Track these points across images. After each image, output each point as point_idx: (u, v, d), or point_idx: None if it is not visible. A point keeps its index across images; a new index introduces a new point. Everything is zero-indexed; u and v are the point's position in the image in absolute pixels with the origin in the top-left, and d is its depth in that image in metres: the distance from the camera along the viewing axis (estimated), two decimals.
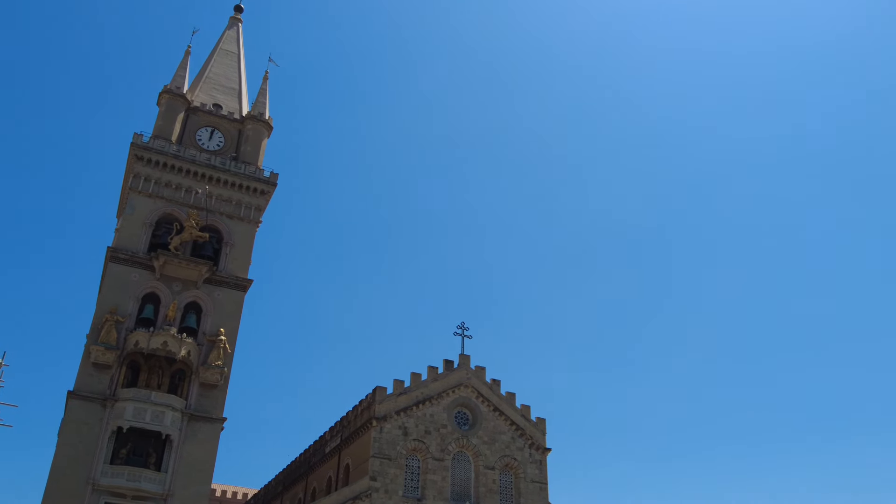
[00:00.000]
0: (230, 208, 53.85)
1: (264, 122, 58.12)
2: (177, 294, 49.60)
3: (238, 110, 59.35)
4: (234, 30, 65.72)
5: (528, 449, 53.74)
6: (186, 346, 47.10)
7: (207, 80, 60.14)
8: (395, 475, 48.36)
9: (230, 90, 60.62)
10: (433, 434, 50.89)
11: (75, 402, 44.49)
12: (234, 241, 53.06)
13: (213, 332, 49.29)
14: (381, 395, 50.38)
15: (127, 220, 50.99)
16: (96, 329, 46.48)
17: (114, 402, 44.92)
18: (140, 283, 49.12)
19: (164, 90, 55.70)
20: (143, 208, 51.38)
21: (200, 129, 56.33)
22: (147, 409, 44.98)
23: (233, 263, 52.39)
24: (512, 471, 52.66)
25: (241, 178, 54.47)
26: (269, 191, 55.44)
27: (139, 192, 51.62)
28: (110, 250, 49.47)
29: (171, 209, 52.13)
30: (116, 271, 48.83)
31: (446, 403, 52.32)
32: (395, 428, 49.79)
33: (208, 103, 57.92)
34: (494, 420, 53.50)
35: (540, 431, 54.89)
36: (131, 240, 50.22)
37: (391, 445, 49.10)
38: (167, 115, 54.91)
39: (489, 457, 51.97)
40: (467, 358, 54.53)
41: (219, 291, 50.94)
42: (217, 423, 47.31)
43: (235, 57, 63.43)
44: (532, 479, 52.71)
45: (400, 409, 50.40)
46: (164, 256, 49.12)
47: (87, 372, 45.50)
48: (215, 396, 48.01)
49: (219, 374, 47.80)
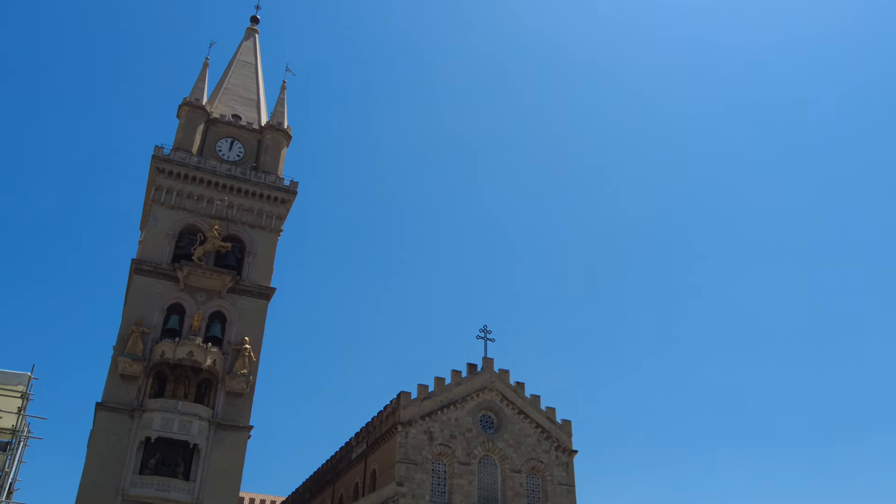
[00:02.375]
0: (251, 218, 54.26)
1: (283, 132, 58.55)
2: (201, 304, 49.98)
3: (257, 120, 59.84)
4: (251, 41, 66.35)
5: (555, 451, 53.51)
6: (212, 356, 47.43)
7: (226, 91, 60.72)
8: (421, 480, 48.34)
9: (249, 101, 61.16)
10: (458, 438, 50.83)
11: (104, 413, 44.92)
12: (256, 250, 53.43)
13: (238, 340, 49.61)
14: (405, 400, 50.43)
15: (150, 232, 51.52)
16: (123, 341, 46.92)
17: (141, 412, 45.30)
18: (165, 294, 49.56)
19: (184, 102, 56.29)
20: (166, 220, 51.90)
21: (220, 140, 56.84)
22: (174, 419, 45.32)
23: (255, 272, 52.74)
24: (539, 474, 52.45)
25: (262, 188, 54.88)
26: (290, 199, 55.81)
27: (161, 203, 52.16)
28: (135, 262, 49.99)
29: (194, 220, 52.60)
30: (141, 283, 49.32)
31: (471, 407, 52.24)
32: (421, 433, 49.80)
33: (227, 114, 58.45)
34: (520, 423, 53.34)
35: (566, 433, 54.65)
36: (155, 251, 50.71)
37: (417, 450, 49.10)
38: (187, 126, 55.46)
39: (515, 460, 51.80)
40: (490, 361, 54.46)
41: (242, 300, 51.29)
42: (244, 431, 47.56)
43: (253, 67, 64.03)
44: (559, 482, 52.46)
45: (425, 413, 50.40)
46: (187, 267, 49.55)
47: (114, 383, 45.95)
48: (241, 405, 48.28)
49: (244, 383, 48.07)
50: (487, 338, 54.87)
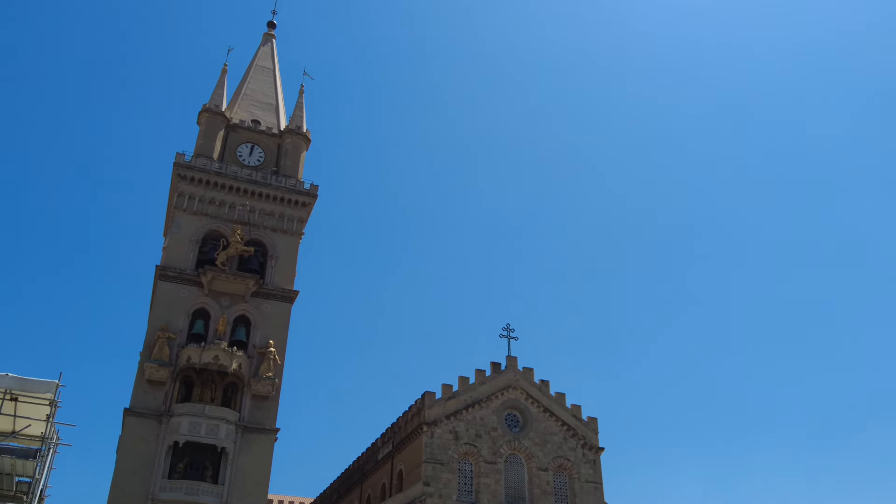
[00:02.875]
0: (273, 222, 54.59)
1: (302, 135, 58.82)
2: (226, 308, 50.38)
3: (276, 125, 60.16)
4: (269, 46, 66.72)
5: (581, 449, 53.19)
6: (237, 360, 47.78)
7: (245, 96, 61.13)
8: (448, 480, 48.29)
9: (267, 105, 61.51)
10: (484, 437, 50.72)
11: (132, 418, 45.45)
12: (279, 254, 53.74)
13: (263, 344, 49.93)
14: (430, 400, 50.42)
15: (174, 239, 52.01)
16: (149, 346, 47.43)
17: (169, 417, 45.75)
18: (189, 299, 50.03)
19: (204, 109, 56.74)
20: (189, 226, 52.37)
21: (241, 146, 57.23)
22: (202, 423, 45.73)
23: (278, 276, 53.05)
24: (566, 472, 52.17)
25: (283, 192, 55.19)
26: (310, 202, 56.06)
27: (184, 210, 52.65)
28: (159, 269, 50.51)
29: (217, 225, 53.03)
30: (166, 289, 49.81)
31: (495, 406, 52.11)
32: (446, 432, 49.76)
33: (247, 119, 58.83)
34: (545, 421, 53.10)
35: (592, 431, 54.29)
36: (179, 257, 51.19)
37: (443, 450, 49.06)
38: (208, 133, 55.90)
39: (542, 458, 51.58)
40: (514, 359, 54.26)
41: (266, 304, 51.62)
42: (270, 433, 47.86)
43: (271, 72, 64.38)
44: (587, 480, 52.14)
45: (449, 413, 50.36)
46: (211, 272, 49.97)
47: (142, 389, 46.47)
48: (267, 407, 48.60)
49: (270, 386, 48.37)
50: (510, 336, 54.70)
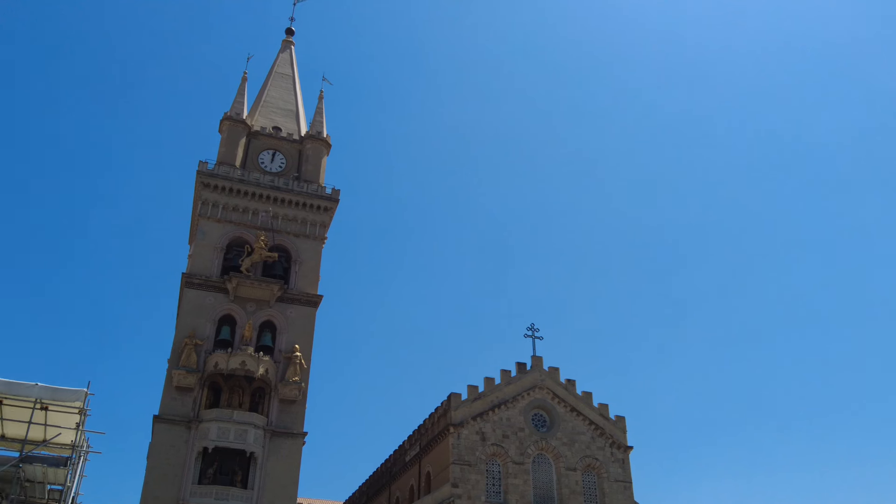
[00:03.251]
0: (296, 227, 54.93)
1: (323, 141, 59.12)
2: (251, 314, 50.77)
3: (297, 131, 60.55)
4: (287, 53, 67.17)
5: (610, 448, 52.86)
6: (264, 365, 48.11)
7: (265, 104, 61.58)
8: (476, 481, 48.24)
9: (288, 112, 61.92)
10: (511, 438, 50.60)
11: (161, 425, 45.93)
12: (302, 259, 54.06)
13: (289, 348, 50.23)
14: (455, 401, 50.41)
15: (199, 246, 52.53)
16: (177, 353, 47.93)
17: (198, 423, 46.19)
18: (215, 305, 50.49)
19: (225, 117, 57.25)
20: (214, 233, 52.87)
21: (262, 153, 57.67)
22: (230, 429, 46.08)
23: (302, 280, 53.35)
24: (594, 471, 51.89)
25: (305, 197, 55.51)
26: (332, 207, 56.32)
27: (208, 217, 53.16)
28: (185, 276, 51.05)
29: (240, 232, 53.48)
30: (192, 296, 50.33)
31: (522, 406, 51.96)
32: (473, 433, 49.71)
33: (268, 126, 59.28)
34: (572, 420, 52.84)
35: (620, 430, 53.94)
36: (204, 265, 51.70)
37: (470, 451, 49.02)
38: (229, 140, 56.40)
39: (570, 458, 51.33)
40: (539, 359, 54.08)
41: (291, 309, 51.93)
42: (298, 437, 48.12)
43: (290, 79, 64.80)
44: (616, 479, 51.81)
45: (476, 414, 50.31)
46: (236, 279, 50.40)
47: (170, 395, 46.96)
48: (295, 412, 48.88)
49: (297, 390, 48.65)
50: (535, 336, 54.55)
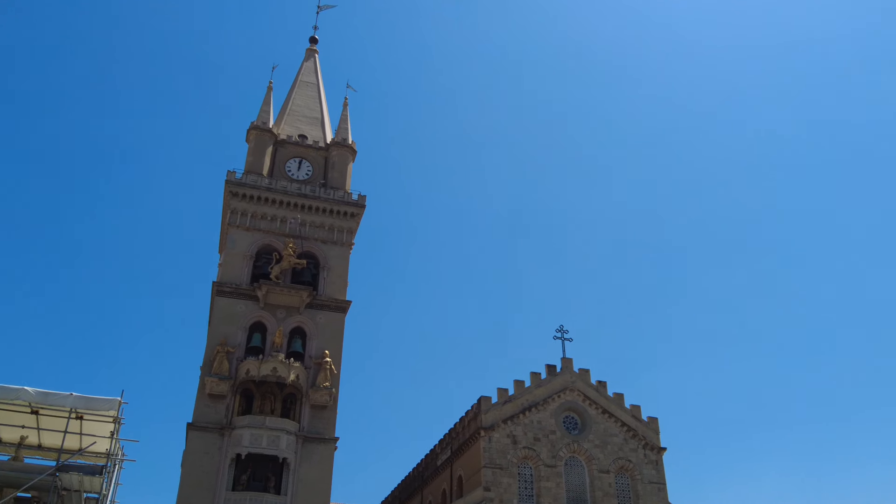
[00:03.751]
0: (323, 233, 55.34)
1: (348, 147, 59.52)
2: (281, 321, 51.20)
3: (322, 138, 61.02)
4: (312, 61, 67.78)
5: (643, 450, 52.36)
6: (295, 371, 48.47)
7: (291, 112, 62.18)
8: (508, 484, 48.08)
9: (313, 120, 62.46)
10: (543, 441, 50.36)
11: (195, 433, 46.45)
12: (331, 265, 54.42)
13: (319, 354, 50.55)
14: (486, 404, 50.32)
15: (229, 255, 53.15)
16: (209, 361, 48.48)
17: (231, 430, 46.63)
18: (246, 313, 51.01)
19: (252, 126, 57.90)
20: (243, 242, 53.46)
21: (289, 161, 58.20)
22: (263, 435, 46.45)
23: (331, 286, 53.69)
24: (627, 473, 51.43)
25: (332, 204, 55.91)
26: (359, 213, 56.64)
27: (237, 226, 53.77)
28: (216, 285, 51.66)
29: (269, 240, 54.02)
30: (223, 304, 50.90)
31: (553, 409, 51.69)
32: (504, 437, 49.58)
33: (294, 135, 59.83)
34: (604, 422, 52.44)
35: (653, 431, 53.41)
36: (234, 273, 52.27)
37: (502, 454, 48.89)
38: (257, 150, 57.02)
39: (602, 460, 50.95)
40: (570, 361, 53.76)
41: (320, 315, 52.28)
42: (330, 443, 48.38)
43: (315, 87, 65.37)
44: (649, 481, 51.29)
45: (506, 417, 50.17)
46: (266, 286, 50.88)
47: (203, 403, 47.49)
48: (326, 417, 49.16)
49: (328, 395, 48.94)
50: (564, 338, 54.26)
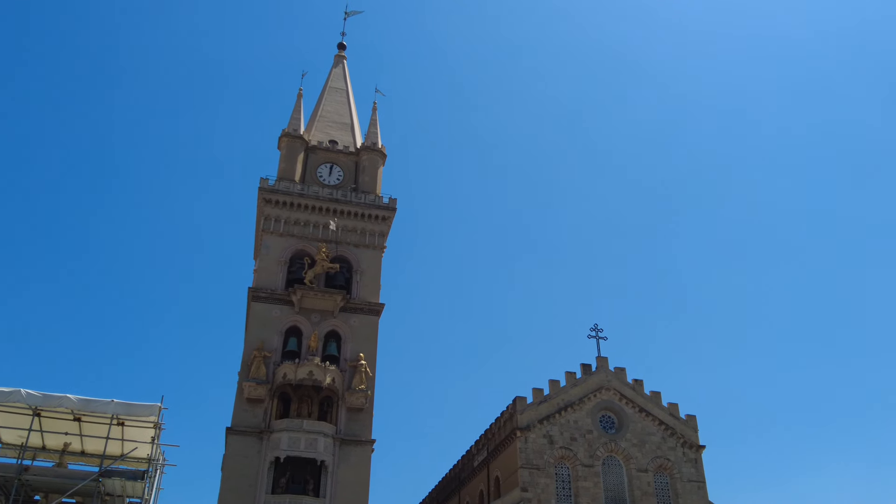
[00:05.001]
0: (356, 237, 55.81)
1: (378, 151, 59.95)
2: (316, 324, 51.73)
3: (352, 143, 61.54)
4: (340, 67, 68.44)
5: (681, 448, 51.79)
6: (330, 374, 48.92)
7: (321, 118, 62.82)
8: (545, 484, 47.90)
9: (343, 125, 63.03)
10: (579, 440, 50.08)
11: (234, 437, 47.11)
12: (363, 269, 54.86)
13: (354, 357, 50.98)
14: (521, 404, 50.21)
15: (264, 260, 53.88)
16: (247, 366, 49.15)
17: (269, 433, 47.21)
18: (282, 317, 51.64)
19: (283, 133, 58.65)
20: (277, 247, 54.16)
21: (320, 166, 58.83)
22: (301, 438, 46.96)
23: (364, 290, 54.12)
24: (666, 472, 50.90)
25: (363, 208, 56.36)
26: (390, 216, 57.01)
27: (271, 232, 54.51)
28: (251, 290, 52.39)
29: (303, 245, 54.67)
30: (259, 309, 51.60)
31: (589, 408, 51.38)
32: (540, 437, 49.43)
33: (325, 140, 60.43)
34: (641, 421, 51.98)
35: (691, 429, 52.79)
36: (269, 278, 52.97)
37: (538, 455, 48.75)
38: (288, 156, 57.73)
39: (640, 459, 50.50)
40: (605, 360, 53.39)
41: (354, 318, 52.72)
42: (367, 445, 48.73)
43: (344, 93, 66.00)
44: (689, 479, 50.71)
45: (542, 417, 50.01)
46: (301, 290, 51.46)
47: (242, 407, 48.16)
48: (362, 420, 49.54)
49: (363, 398, 49.31)
50: (599, 336, 53.91)
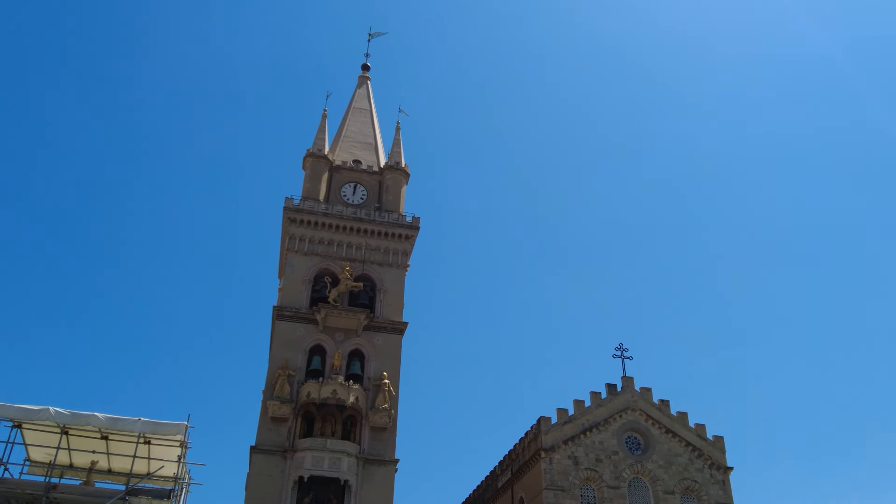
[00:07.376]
0: (379, 256, 55.98)
1: (401, 171, 60.27)
2: (340, 343, 51.79)
3: (376, 163, 61.95)
4: (364, 88, 69.09)
5: (709, 469, 51.02)
6: (354, 393, 48.87)
7: (345, 138, 63.36)
8: None
9: (367, 145, 63.51)
10: (605, 462, 49.52)
11: (258, 456, 47.08)
12: (387, 287, 54.95)
13: (377, 376, 50.91)
14: (545, 425, 49.81)
15: (288, 279, 54.19)
16: (271, 385, 49.22)
17: (293, 452, 47.14)
18: (306, 336, 51.79)
19: (308, 154, 59.18)
20: (302, 266, 54.44)
21: (344, 186, 59.24)
22: (324, 457, 46.80)
23: (388, 308, 54.17)
24: (693, 494, 50.13)
25: (387, 227, 56.58)
26: (413, 235, 57.16)
27: (296, 251, 54.83)
28: (276, 309, 52.66)
29: (327, 264, 54.88)
30: (283, 328, 51.80)
31: (614, 429, 50.84)
32: (565, 458, 48.94)
33: (348, 160, 60.89)
34: (668, 442, 51.32)
35: (719, 450, 52.02)
36: (294, 297, 53.22)
37: (563, 476, 48.25)
38: (313, 176, 58.20)
39: (667, 481, 49.80)
40: (630, 380, 52.88)
41: (378, 337, 52.73)
42: (390, 465, 48.50)
43: (368, 113, 66.58)
44: (716, 501, 49.86)
45: (567, 438, 49.54)
46: (325, 309, 51.62)
47: (266, 426, 48.19)
48: (386, 439, 49.36)
49: (387, 417, 49.16)
50: (624, 356, 53.44)
